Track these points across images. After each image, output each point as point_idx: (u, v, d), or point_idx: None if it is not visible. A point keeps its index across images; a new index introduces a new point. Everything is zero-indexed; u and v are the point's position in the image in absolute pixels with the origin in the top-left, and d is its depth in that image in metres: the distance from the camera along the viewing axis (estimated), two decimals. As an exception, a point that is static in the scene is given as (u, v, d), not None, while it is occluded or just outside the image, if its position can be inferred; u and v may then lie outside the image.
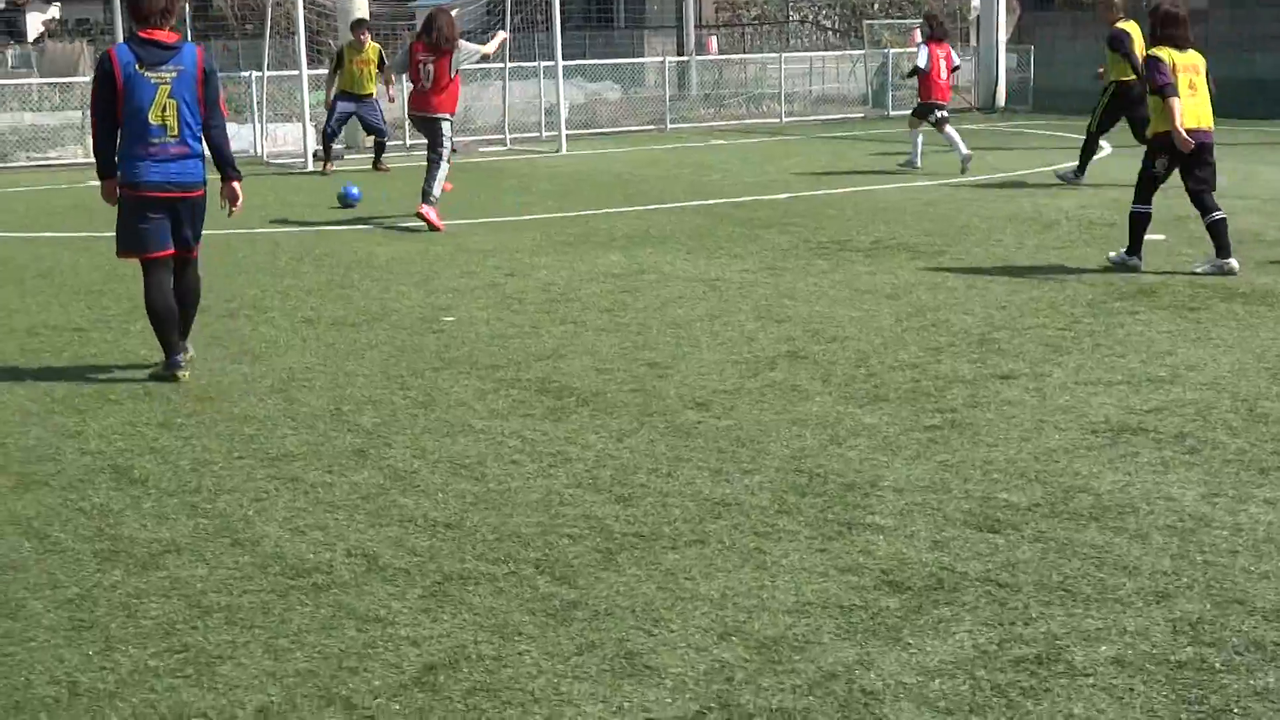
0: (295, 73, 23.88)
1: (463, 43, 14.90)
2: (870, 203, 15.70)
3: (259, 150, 24.12)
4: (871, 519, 5.63)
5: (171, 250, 8.16)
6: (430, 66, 14.31)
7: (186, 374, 8.09)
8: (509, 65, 25.87)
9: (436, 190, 14.27)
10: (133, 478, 6.31)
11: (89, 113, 8.18)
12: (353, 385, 7.92)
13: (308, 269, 11.89)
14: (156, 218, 8.06)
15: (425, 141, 14.75)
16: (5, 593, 5.01)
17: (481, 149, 24.26)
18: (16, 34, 76.64)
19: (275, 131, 24.77)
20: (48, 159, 23.94)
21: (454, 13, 18.43)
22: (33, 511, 5.88)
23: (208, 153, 8.10)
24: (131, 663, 4.45)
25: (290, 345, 8.96)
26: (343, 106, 21.01)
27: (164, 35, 7.92)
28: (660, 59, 31.51)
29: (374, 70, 20.86)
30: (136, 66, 7.87)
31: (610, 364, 8.28)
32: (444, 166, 14.34)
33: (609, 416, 7.18)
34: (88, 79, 27.15)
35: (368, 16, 23.10)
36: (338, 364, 8.43)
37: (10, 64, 49.52)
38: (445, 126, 14.40)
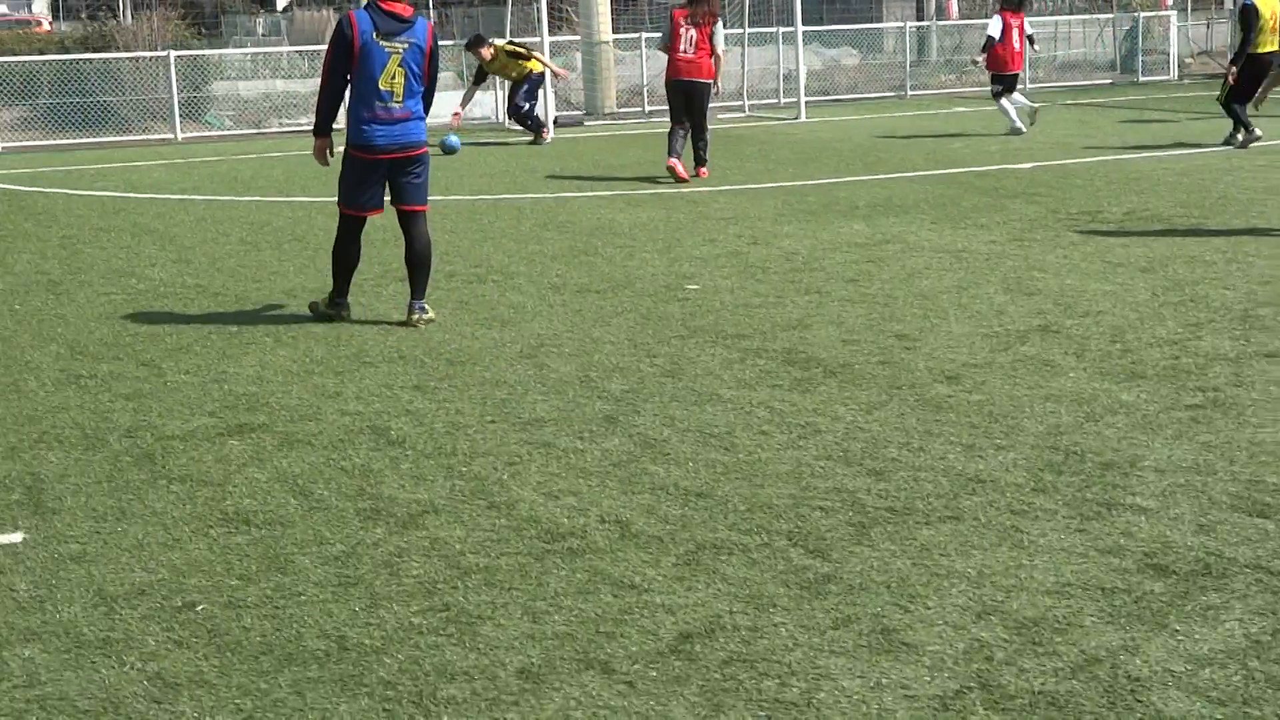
0: (536, 39, 24.17)
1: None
2: (1120, 172, 15.28)
3: (499, 117, 24.49)
4: (1132, 500, 5.48)
5: (379, 210, 8.76)
6: (694, 33, 15.15)
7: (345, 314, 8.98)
8: (748, 31, 25.79)
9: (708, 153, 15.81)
10: (390, 439, 6.47)
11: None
12: (600, 352, 7.99)
13: (551, 235, 12.03)
14: (376, 180, 8.61)
15: (666, 108, 14.98)
16: (275, 548, 5.18)
17: (720, 115, 24.24)
18: (266, 3, 79.11)
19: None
20: (299, 125, 24.66)
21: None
22: (298, 469, 6.06)
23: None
24: (396, 620, 4.56)
25: (538, 311, 9.08)
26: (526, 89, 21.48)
27: (401, 8, 8.43)
28: (900, 24, 31.09)
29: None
30: (374, 35, 8.34)
31: (857, 335, 8.21)
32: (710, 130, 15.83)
33: (857, 388, 7.13)
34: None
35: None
36: (585, 330, 8.51)
37: (261, 32, 51.09)
38: (708, 91, 15.33)
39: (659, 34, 17.44)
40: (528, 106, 21.34)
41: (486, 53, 21.15)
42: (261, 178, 17.19)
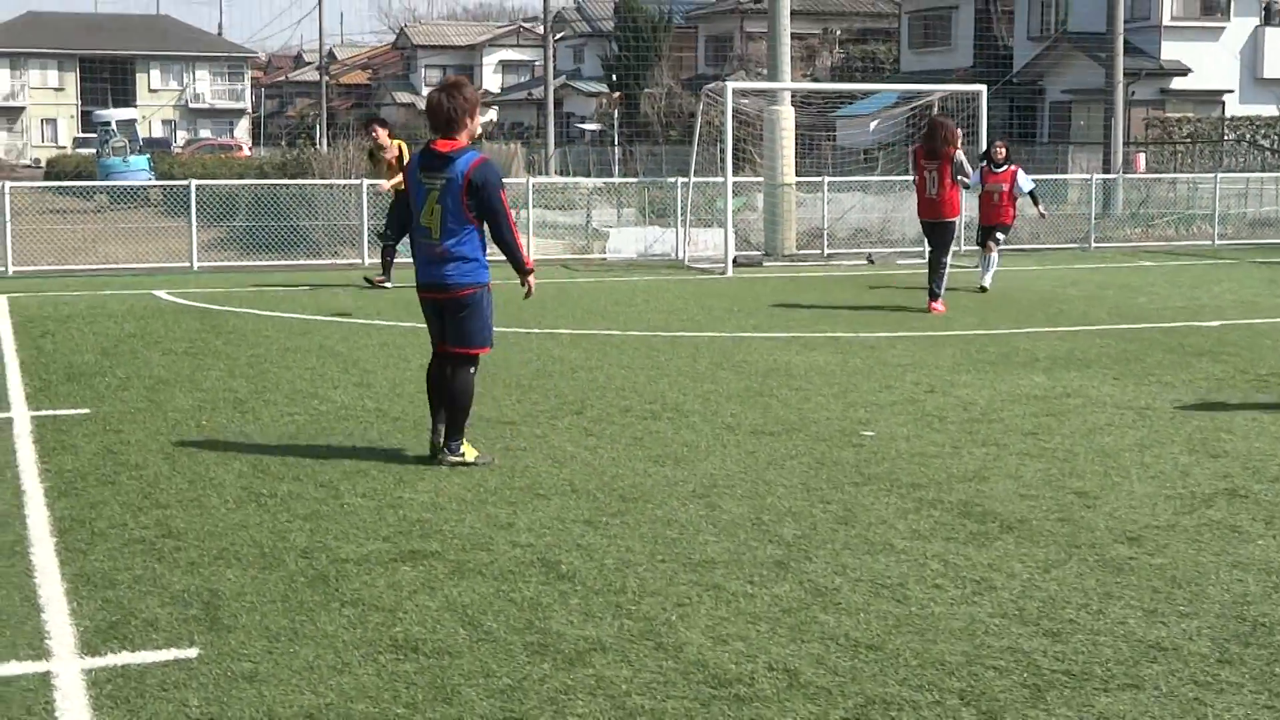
0: (719, 180, 24.45)
1: (960, 154, 16.30)
2: (1312, 334, 14.89)
3: (680, 254, 24.73)
4: (1324, 677, 5.26)
5: (443, 346, 8.74)
6: (934, 173, 15.82)
7: (439, 453, 8.64)
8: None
9: (942, 288, 16.85)
10: (560, 573, 6.47)
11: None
12: (773, 495, 7.94)
13: (727, 374, 12.05)
14: (432, 315, 8.75)
15: (845, 250, 15.07)
16: (442, 678, 5.20)
17: (899, 260, 24.20)
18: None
19: (697, 236, 25.35)
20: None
21: (873, 125, 18.70)
22: (468, 599, 6.09)
23: (476, 254, 8.53)
24: (560, 759, 4.53)
25: (711, 451, 9.07)
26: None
27: (445, 144, 8.37)
28: (1085, 176, 30.85)
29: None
30: (419, 171, 8.50)
31: (1035, 490, 8.06)
32: (948, 266, 16.85)
33: (1034, 545, 6.98)
34: (520, 179, 28.54)
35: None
36: (758, 472, 8.48)
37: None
38: (951, 230, 16.06)
39: (836, 177, 18.07)
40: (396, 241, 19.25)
41: (383, 135, 19.58)
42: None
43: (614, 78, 64.43)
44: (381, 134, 19.68)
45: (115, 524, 7.23)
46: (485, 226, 8.46)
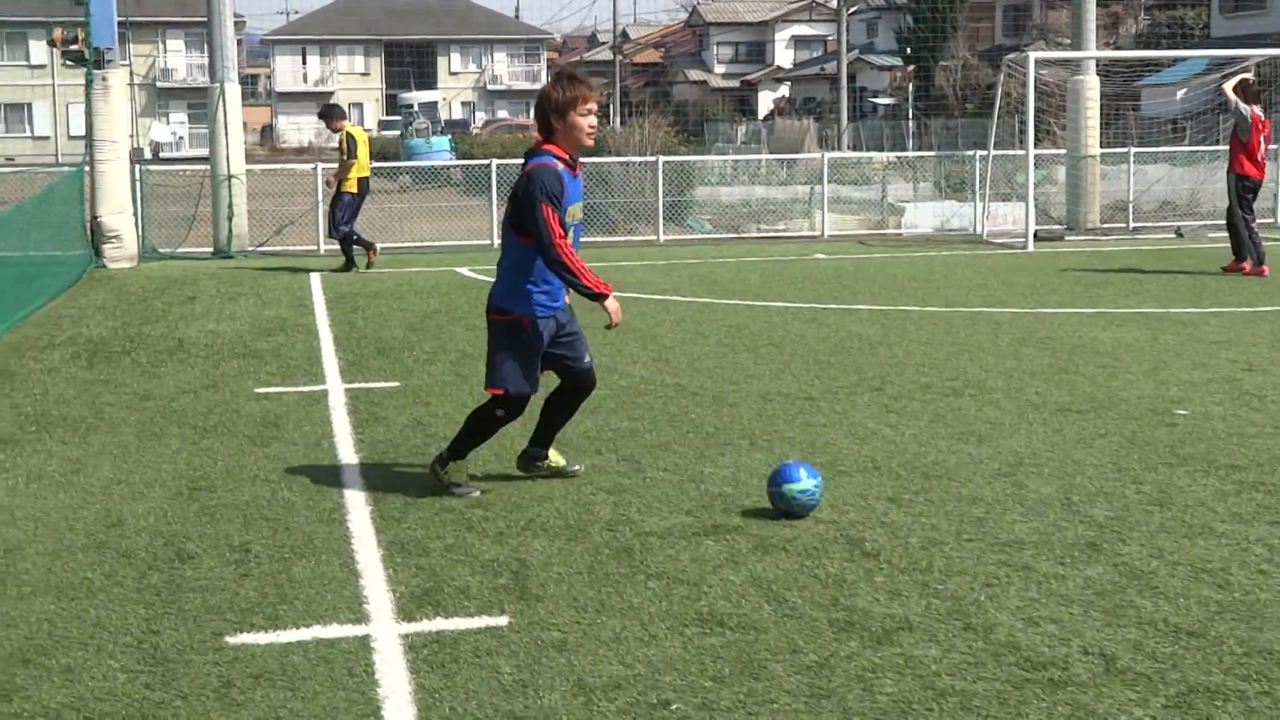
0: (1019, 153, 23.90)
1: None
2: None
3: (979, 228, 24.27)
4: None
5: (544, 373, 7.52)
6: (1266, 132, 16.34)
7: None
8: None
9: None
10: (865, 550, 6.39)
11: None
12: (1082, 475, 7.70)
13: (1030, 351, 11.75)
14: None
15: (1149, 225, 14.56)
16: (749, 652, 5.18)
17: (1209, 234, 23.26)
18: (749, 111, 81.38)
19: (995, 210, 24.84)
20: (775, 230, 25.12)
21: (1181, 93, 18.04)
22: (772, 575, 6.06)
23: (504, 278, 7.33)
24: (869, 738, 4.47)
25: (1016, 429, 8.85)
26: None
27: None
28: None
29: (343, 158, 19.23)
30: None
31: (1366, 473, 7.64)
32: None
33: (1367, 531, 6.60)
34: (813, 155, 28.39)
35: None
36: (1065, 451, 8.23)
37: (741, 139, 52.52)
38: None
39: (1142, 148, 17.64)
40: (348, 227, 19.21)
41: (334, 124, 19.35)
42: (739, 281, 17.54)
43: (908, 51, 63.59)
44: (338, 124, 19.20)
45: (426, 493, 7.43)
46: (533, 244, 7.12)
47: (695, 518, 6.95)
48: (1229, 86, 17.76)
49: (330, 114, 19.69)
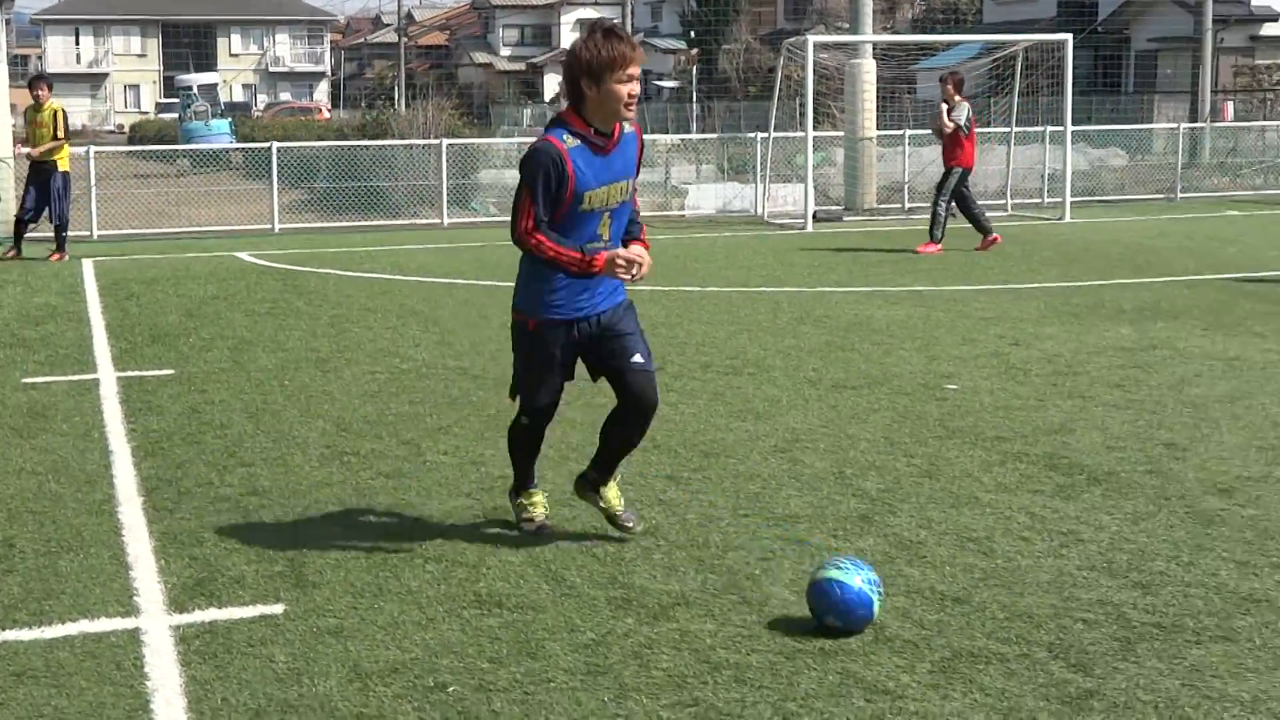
0: (798, 135, 24.29)
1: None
2: (1407, 282, 14.58)
3: (760, 210, 24.62)
4: None
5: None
6: None
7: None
8: (1014, 130, 25.49)
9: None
10: (644, 529, 6.45)
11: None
12: (855, 449, 7.88)
13: (808, 329, 11.97)
14: None
15: (925, 204, 14.94)
16: (526, 632, 5.20)
17: (986, 214, 23.87)
18: (535, 94, 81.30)
19: (776, 192, 25.22)
20: (562, 214, 25.12)
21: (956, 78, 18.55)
22: (551, 554, 6.09)
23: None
24: (645, 712, 4.52)
25: (792, 405, 9.01)
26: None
27: None
28: (1172, 125, 30.38)
29: (49, 136, 18.34)
30: None
31: (1122, 442, 7.95)
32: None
33: (1122, 497, 6.88)
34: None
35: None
36: (840, 426, 8.41)
37: (527, 122, 52.48)
38: None
39: (924, 130, 18.15)
40: (61, 206, 18.46)
41: (44, 94, 18.30)
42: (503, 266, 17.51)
43: (692, 34, 64.15)
44: (44, 94, 18.35)
45: (201, 483, 7.29)
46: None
47: (475, 500, 6.94)
48: (953, 95, 18.45)
49: (43, 84, 18.53)
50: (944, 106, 18.35)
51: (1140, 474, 7.29)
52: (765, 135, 25.20)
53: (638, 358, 6.18)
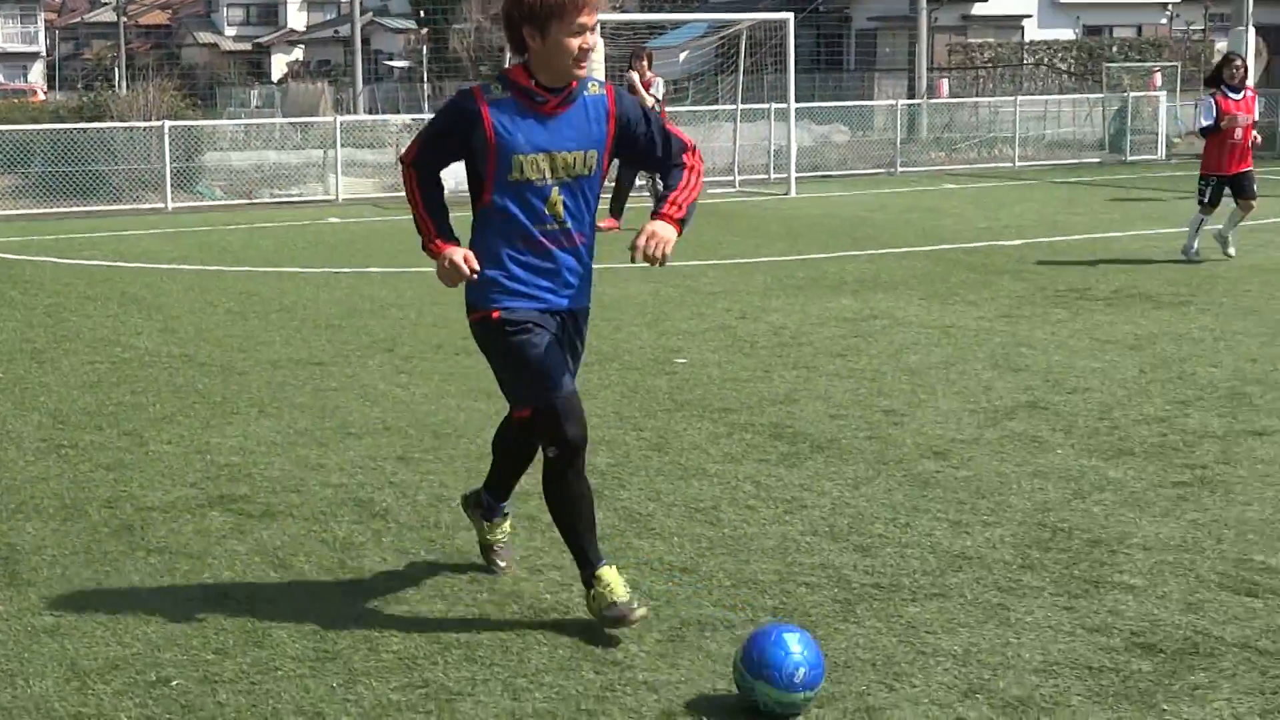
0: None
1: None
2: (1108, 250, 15.32)
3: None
4: (1120, 578, 5.44)
5: None
6: None
7: None
8: (740, 107, 25.93)
9: None
10: (373, 511, 6.41)
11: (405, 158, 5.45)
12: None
13: (540, 308, 11.99)
14: None
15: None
16: (252, 622, 5.11)
17: (710, 190, 24.29)
18: (262, 74, 79.65)
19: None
20: (289, 196, 24.71)
21: (683, 56, 18.83)
22: (278, 542, 6.00)
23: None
24: (374, 696, 4.49)
25: (524, 383, 9.02)
26: None
27: None
28: (891, 102, 31.30)
29: None
30: None
31: (844, 410, 8.18)
32: None
33: (844, 463, 7.08)
34: (328, 119, 28.03)
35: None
36: (571, 403, 8.46)
37: (254, 103, 51.40)
38: None
39: (671, 106, 18.39)
40: None
41: None
42: (251, 248, 17.19)
43: (422, 14, 63.61)
44: None
45: (-93, 482, 6.98)
46: (485, 210, 5.08)
47: (200, 489, 6.80)
48: (644, 70, 18.81)
49: None
50: (634, 77, 18.50)
51: (861, 440, 7.51)
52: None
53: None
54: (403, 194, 5.20)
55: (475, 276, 4.92)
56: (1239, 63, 14.32)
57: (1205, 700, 4.37)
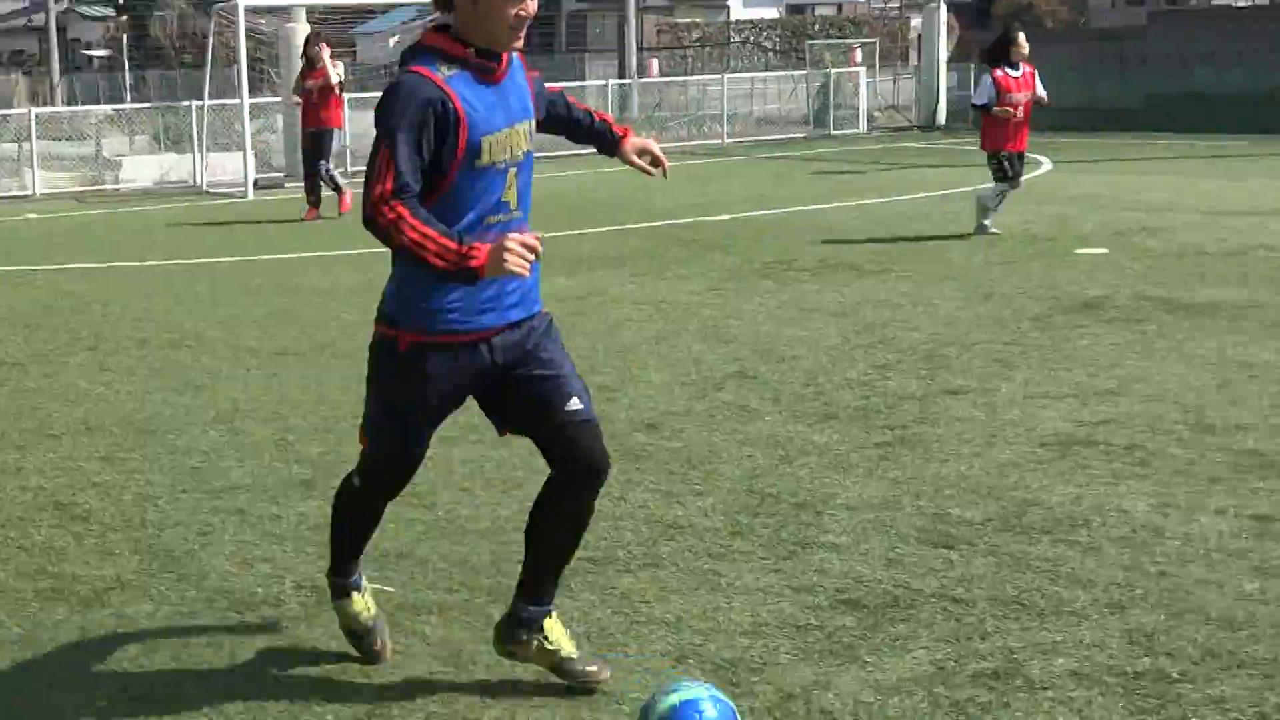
0: (236, 102, 23.73)
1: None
2: (814, 222, 15.73)
3: (199, 180, 23.97)
4: (825, 538, 5.60)
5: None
6: None
7: None
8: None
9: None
10: (75, 514, 6.21)
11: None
12: (297, 415, 7.83)
13: (248, 299, 11.77)
14: None
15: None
16: (-55, 635, 4.91)
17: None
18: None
19: (216, 162, 24.60)
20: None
21: (393, 40, 18.63)
22: (-27, 550, 5.77)
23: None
24: (74, 705, 4.35)
25: (233, 376, 8.86)
26: None
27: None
28: (602, 82, 31.56)
29: None
30: None
31: (558, 388, 8.22)
32: None
33: (558, 441, 7.12)
34: (22, 110, 26.92)
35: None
36: (282, 394, 8.34)
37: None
38: None
39: (359, 94, 17.88)
40: None
41: None
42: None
43: (121, 1, 61.58)
44: None
45: None
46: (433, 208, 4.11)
47: (-112, 501, 6.48)
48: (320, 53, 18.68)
49: None
50: (324, 52, 18.22)
51: (575, 417, 7.56)
52: (201, 104, 24.52)
53: (575, 403, 4.48)
54: (106, 186, 5.00)
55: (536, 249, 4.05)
56: (1022, 40, 13.84)
57: (905, 650, 4.54)
